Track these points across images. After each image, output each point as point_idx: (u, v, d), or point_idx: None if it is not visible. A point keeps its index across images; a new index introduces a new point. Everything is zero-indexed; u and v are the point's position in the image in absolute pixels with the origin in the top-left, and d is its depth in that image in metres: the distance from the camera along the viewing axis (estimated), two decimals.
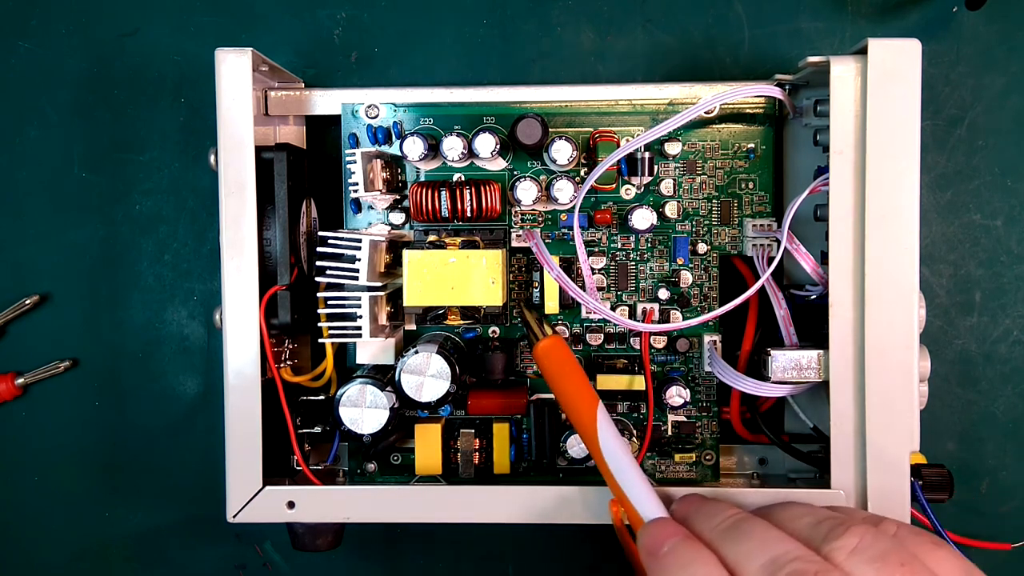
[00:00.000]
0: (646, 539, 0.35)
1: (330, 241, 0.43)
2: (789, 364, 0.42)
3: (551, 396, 0.46)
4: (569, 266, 0.46)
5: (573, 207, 0.45)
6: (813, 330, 0.43)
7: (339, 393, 0.42)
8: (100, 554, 0.53)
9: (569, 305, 0.46)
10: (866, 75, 0.39)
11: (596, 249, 0.47)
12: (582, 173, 0.46)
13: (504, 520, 0.42)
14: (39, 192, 0.52)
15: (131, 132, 0.51)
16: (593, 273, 0.46)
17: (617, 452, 0.39)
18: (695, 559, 0.32)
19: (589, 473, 0.46)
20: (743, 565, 0.31)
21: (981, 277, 0.50)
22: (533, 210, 0.46)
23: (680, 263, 0.46)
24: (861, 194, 0.39)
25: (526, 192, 0.44)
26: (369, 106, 0.46)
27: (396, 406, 0.42)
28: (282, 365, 0.45)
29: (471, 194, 0.44)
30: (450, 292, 0.43)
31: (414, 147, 0.44)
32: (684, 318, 0.46)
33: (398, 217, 0.46)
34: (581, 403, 0.40)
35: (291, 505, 0.42)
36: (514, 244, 0.46)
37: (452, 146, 0.44)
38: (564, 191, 0.44)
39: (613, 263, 0.47)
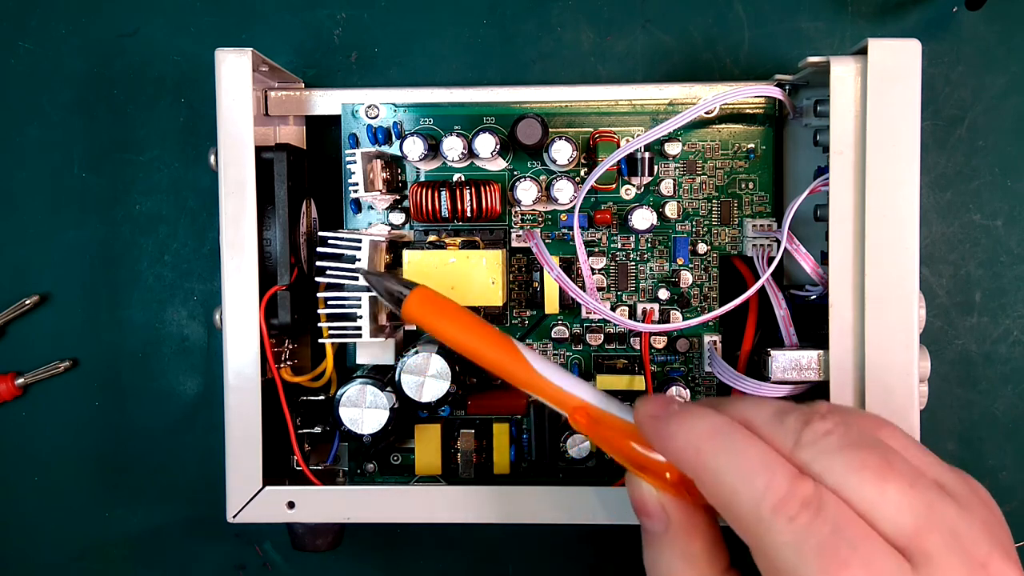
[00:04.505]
0: (650, 405, 0.33)
1: (330, 241, 0.43)
2: (789, 364, 0.42)
3: None
4: (569, 266, 0.46)
5: (573, 207, 0.45)
6: (813, 330, 0.43)
7: (339, 393, 0.42)
8: (100, 554, 0.53)
9: (569, 305, 0.46)
10: (866, 75, 0.39)
11: (596, 249, 0.47)
12: (582, 173, 0.46)
13: (504, 520, 0.42)
14: (39, 192, 0.52)
15: (131, 132, 0.51)
16: (593, 273, 0.46)
17: (561, 370, 0.36)
18: (707, 412, 0.31)
19: (589, 473, 0.46)
20: (752, 416, 0.31)
21: (981, 277, 0.50)
22: (533, 210, 0.46)
23: (680, 263, 0.46)
24: (861, 194, 0.39)
25: (526, 192, 0.44)
26: (369, 106, 0.46)
27: (396, 406, 0.42)
28: (282, 365, 0.45)
29: (471, 194, 0.44)
30: (450, 292, 0.43)
31: (414, 147, 0.44)
32: (684, 318, 0.46)
33: (398, 217, 0.46)
34: (497, 343, 0.36)
35: (291, 505, 0.42)
36: (514, 244, 0.46)
37: (452, 146, 0.44)
38: (564, 191, 0.44)
39: (613, 263, 0.47)
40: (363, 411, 0.42)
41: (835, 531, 0.27)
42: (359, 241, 0.42)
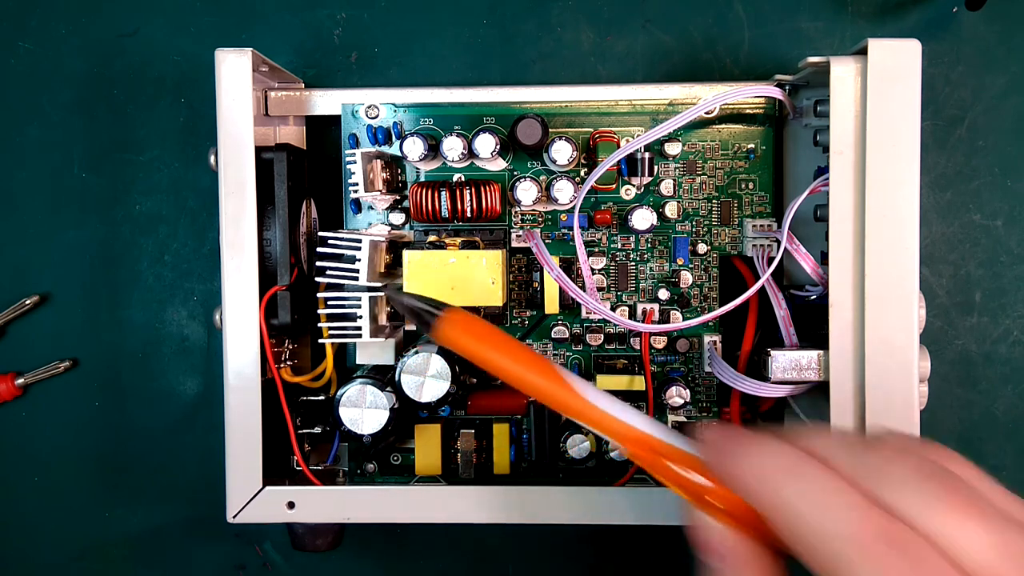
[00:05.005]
0: (716, 437, 0.31)
1: (330, 241, 0.43)
2: (789, 364, 0.42)
3: None
4: (569, 266, 0.46)
5: (573, 207, 0.45)
6: (813, 330, 0.43)
7: (339, 393, 0.42)
8: (100, 554, 0.53)
9: (569, 305, 0.46)
10: (866, 75, 0.39)
11: (596, 249, 0.47)
12: (582, 173, 0.46)
13: (504, 520, 0.42)
14: (39, 192, 0.52)
15: (131, 132, 0.51)
16: (593, 273, 0.46)
17: (610, 398, 0.35)
18: (777, 443, 0.30)
19: (589, 473, 0.46)
20: (821, 447, 0.30)
21: (981, 277, 0.50)
22: (533, 210, 0.46)
23: (680, 263, 0.46)
24: (861, 194, 0.39)
25: (526, 192, 0.44)
26: (369, 106, 0.46)
27: (396, 406, 0.42)
28: (282, 365, 0.45)
29: (471, 194, 0.44)
30: (450, 292, 0.43)
31: (414, 147, 0.44)
32: (684, 318, 0.46)
33: (398, 217, 0.46)
34: (540, 370, 0.35)
35: (291, 505, 0.42)
36: (514, 244, 0.46)
37: (452, 146, 0.44)
38: (564, 191, 0.44)
39: (613, 263, 0.47)
40: (363, 411, 0.42)
41: (916, 566, 0.26)
42: (359, 241, 0.42)
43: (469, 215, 0.45)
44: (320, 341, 0.43)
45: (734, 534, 0.32)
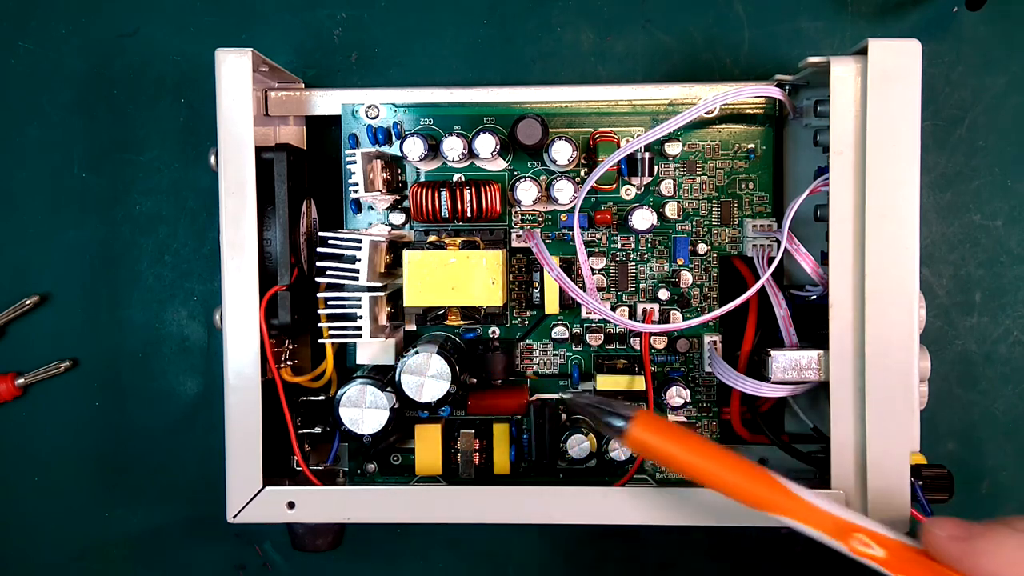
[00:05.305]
0: (947, 527, 0.33)
1: (330, 241, 0.43)
2: (789, 364, 0.42)
3: (551, 396, 0.46)
4: (569, 266, 0.46)
5: (573, 207, 0.45)
6: (813, 330, 0.43)
7: (339, 393, 0.42)
8: (100, 554, 0.53)
9: (569, 305, 0.46)
10: (866, 75, 0.39)
11: (596, 249, 0.47)
12: (582, 173, 0.46)
13: (504, 520, 0.42)
14: (39, 192, 0.52)
15: (131, 132, 0.51)
16: (593, 273, 0.46)
17: (819, 494, 0.36)
18: (1010, 531, 0.32)
19: (589, 473, 0.46)
20: None
21: (981, 277, 0.50)
22: (533, 210, 0.46)
23: (680, 263, 0.46)
24: (861, 194, 0.39)
25: (526, 192, 0.44)
26: (369, 106, 0.46)
27: (396, 406, 0.42)
28: (282, 365, 0.45)
29: (471, 194, 0.44)
30: (450, 292, 0.43)
31: (414, 147, 0.44)
32: (684, 318, 0.46)
33: (398, 217, 0.46)
34: (746, 472, 0.36)
35: (291, 505, 0.42)
36: (514, 244, 0.46)
37: (452, 146, 0.44)
38: (564, 191, 0.44)
39: (613, 263, 0.47)
40: (363, 411, 0.42)
41: None
42: (359, 241, 0.42)
43: (469, 215, 0.45)
44: (320, 341, 0.43)
45: None
